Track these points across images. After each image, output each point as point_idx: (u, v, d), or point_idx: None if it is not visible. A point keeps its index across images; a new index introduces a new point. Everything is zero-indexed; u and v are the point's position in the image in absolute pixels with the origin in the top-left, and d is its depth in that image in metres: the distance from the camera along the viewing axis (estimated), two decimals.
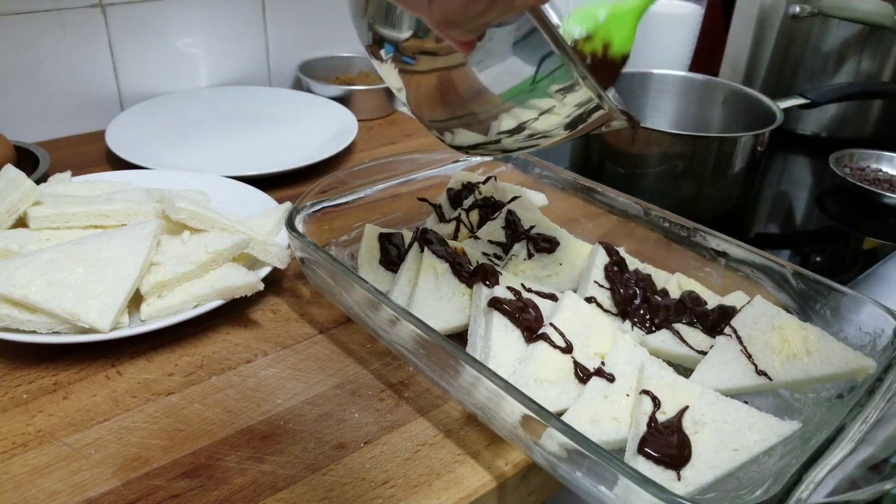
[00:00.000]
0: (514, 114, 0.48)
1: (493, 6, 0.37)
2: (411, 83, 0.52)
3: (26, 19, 0.91)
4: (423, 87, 0.51)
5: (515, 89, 0.46)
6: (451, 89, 0.49)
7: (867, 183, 1.05)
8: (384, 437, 0.53)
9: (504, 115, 0.48)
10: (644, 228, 0.71)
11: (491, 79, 0.46)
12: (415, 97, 0.53)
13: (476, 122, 0.50)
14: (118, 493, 0.47)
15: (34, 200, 0.66)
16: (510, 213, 0.73)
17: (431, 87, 0.51)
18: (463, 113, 0.50)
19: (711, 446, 0.48)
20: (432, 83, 0.50)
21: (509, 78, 0.45)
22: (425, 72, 0.50)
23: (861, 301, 0.57)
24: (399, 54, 0.50)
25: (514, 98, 0.46)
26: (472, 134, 0.52)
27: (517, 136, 0.50)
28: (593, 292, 0.63)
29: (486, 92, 0.47)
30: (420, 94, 0.52)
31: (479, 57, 0.45)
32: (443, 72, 0.49)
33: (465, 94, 0.48)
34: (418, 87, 0.52)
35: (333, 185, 0.70)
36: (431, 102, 0.52)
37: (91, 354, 0.59)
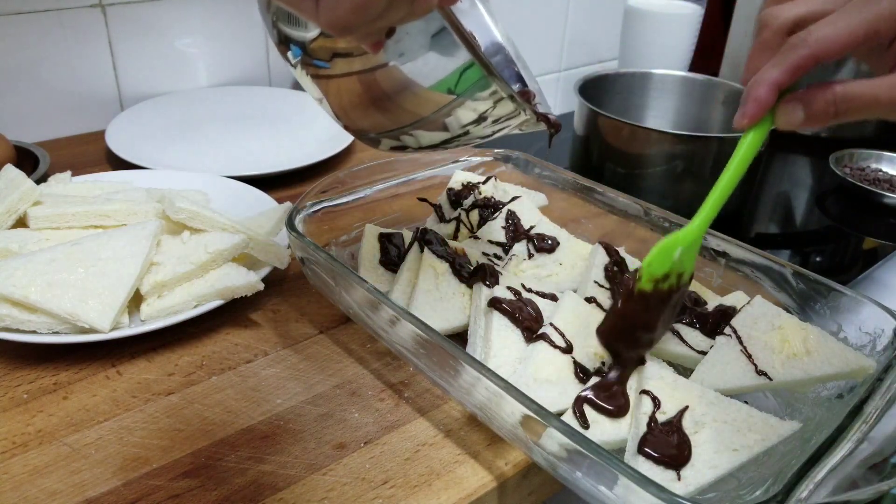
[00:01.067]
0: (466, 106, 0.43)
1: (388, 11, 0.33)
2: (330, 90, 0.46)
3: (26, 19, 0.91)
4: (346, 94, 0.45)
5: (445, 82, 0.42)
6: (379, 91, 0.43)
7: (867, 183, 1.05)
8: (384, 437, 0.53)
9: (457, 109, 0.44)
10: (644, 228, 0.71)
11: (418, 73, 0.41)
12: (339, 106, 0.47)
13: (426, 123, 0.45)
14: (118, 493, 0.47)
15: (34, 200, 0.66)
16: (510, 213, 0.73)
17: (356, 91, 0.45)
18: (405, 116, 0.45)
19: (711, 446, 0.48)
20: (356, 87, 0.44)
21: (437, 71, 0.41)
22: (343, 75, 0.44)
23: (861, 301, 0.57)
24: (309, 57, 0.44)
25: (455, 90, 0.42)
26: (430, 134, 0.47)
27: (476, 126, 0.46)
28: (593, 292, 0.63)
29: (417, 88, 0.42)
30: (344, 101, 0.46)
31: (399, 50, 0.41)
32: (364, 74, 0.43)
33: (398, 93, 0.43)
34: (339, 94, 0.46)
35: (333, 185, 0.70)
36: (362, 109, 0.46)
37: (91, 354, 0.59)
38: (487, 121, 0.45)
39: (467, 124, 0.45)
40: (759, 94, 0.44)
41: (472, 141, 0.49)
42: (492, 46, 0.58)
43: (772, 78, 0.44)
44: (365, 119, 0.47)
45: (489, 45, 0.59)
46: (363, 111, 0.46)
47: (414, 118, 0.45)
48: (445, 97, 0.43)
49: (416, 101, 0.44)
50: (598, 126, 0.97)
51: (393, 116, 0.46)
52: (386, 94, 0.44)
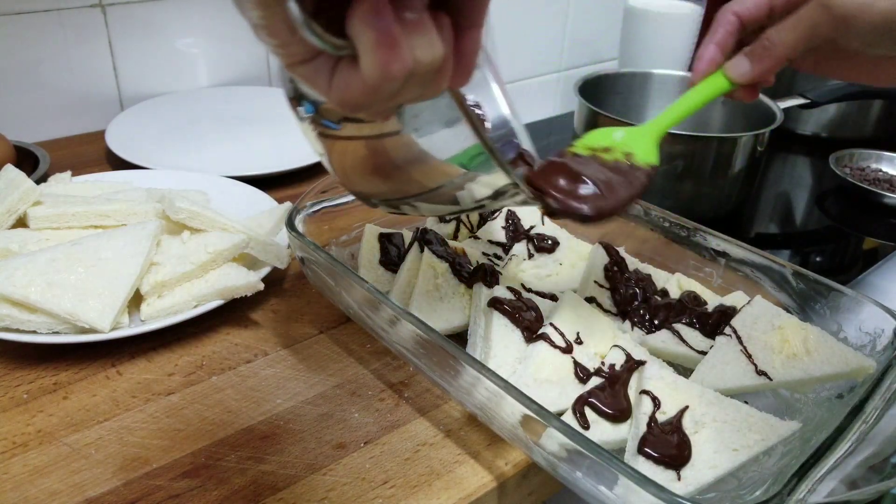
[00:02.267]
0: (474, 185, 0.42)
1: (399, 94, 0.33)
2: (335, 150, 0.46)
3: (26, 19, 0.91)
4: (350, 156, 0.45)
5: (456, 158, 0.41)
6: (385, 158, 0.43)
7: (867, 183, 1.05)
8: (384, 437, 0.53)
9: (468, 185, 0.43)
10: (644, 228, 0.71)
11: (428, 145, 0.41)
12: (340, 167, 0.47)
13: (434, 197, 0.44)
14: (118, 493, 0.47)
15: (34, 200, 0.66)
16: (510, 213, 0.73)
17: (360, 155, 0.44)
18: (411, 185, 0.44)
19: (711, 446, 0.48)
20: (361, 151, 0.44)
21: (447, 146, 0.40)
22: (351, 138, 0.44)
23: (861, 301, 0.57)
24: (319, 116, 0.43)
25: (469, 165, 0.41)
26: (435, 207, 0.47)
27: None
28: (593, 292, 0.63)
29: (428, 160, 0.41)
30: (347, 163, 0.46)
31: (412, 125, 0.40)
32: (372, 140, 0.42)
33: (406, 163, 0.42)
34: (344, 155, 0.46)
35: (333, 185, 0.70)
36: (364, 174, 0.45)
37: (91, 354, 0.59)
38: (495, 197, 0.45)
39: (481, 199, 0.45)
40: (704, 53, 0.54)
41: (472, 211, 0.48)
42: (498, 120, 0.60)
43: (710, 40, 0.54)
44: (364, 183, 0.47)
45: (495, 119, 0.60)
46: (364, 175, 0.46)
47: (420, 188, 0.45)
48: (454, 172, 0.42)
49: (423, 171, 0.43)
50: (599, 126, 0.97)
51: (395, 185, 0.45)
52: (392, 161, 0.43)
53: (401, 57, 0.32)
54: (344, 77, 0.33)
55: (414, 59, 0.32)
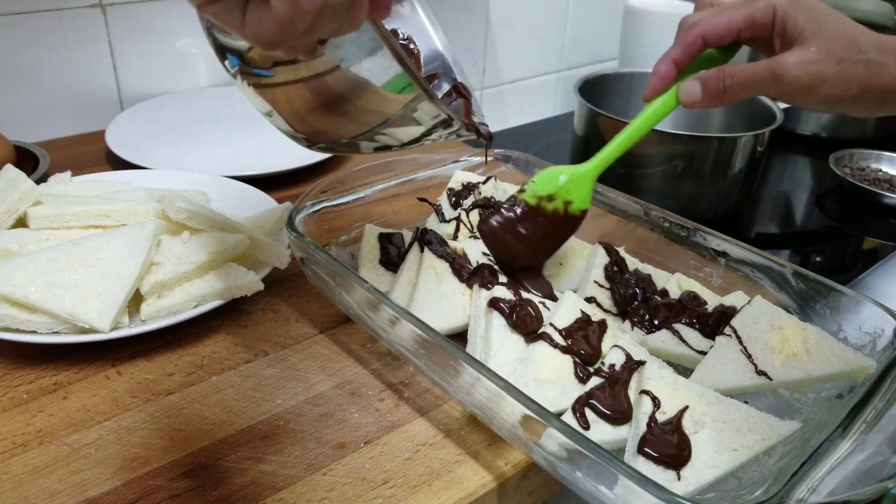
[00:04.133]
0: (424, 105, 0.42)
1: (314, 28, 0.33)
2: (279, 101, 0.43)
3: (26, 19, 0.91)
4: (298, 101, 0.43)
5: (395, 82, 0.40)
6: (333, 94, 0.41)
7: (867, 183, 1.05)
8: (384, 437, 0.53)
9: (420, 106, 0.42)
10: (644, 228, 0.71)
11: (368, 74, 0.40)
12: (294, 117, 0.45)
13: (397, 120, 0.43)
14: (118, 493, 0.47)
15: (34, 200, 0.66)
16: None
17: (307, 98, 0.42)
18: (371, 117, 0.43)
19: (711, 446, 0.48)
20: (306, 94, 0.42)
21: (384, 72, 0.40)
22: (290, 83, 0.42)
23: (861, 301, 0.57)
24: (248, 66, 0.41)
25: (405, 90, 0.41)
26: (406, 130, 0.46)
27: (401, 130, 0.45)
28: (593, 292, 0.63)
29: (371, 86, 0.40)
30: (299, 110, 0.44)
31: (339, 56, 0.39)
32: (313, 80, 0.41)
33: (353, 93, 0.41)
34: (291, 103, 0.43)
35: (333, 185, 0.70)
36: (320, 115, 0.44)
37: (91, 354, 0.59)
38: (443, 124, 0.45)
39: (433, 116, 0.44)
40: (660, 69, 0.54)
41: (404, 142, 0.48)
42: (431, 53, 0.61)
43: (670, 55, 0.54)
44: (326, 124, 0.45)
45: (428, 53, 0.61)
46: (321, 117, 0.44)
47: (381, 118, 0.44)
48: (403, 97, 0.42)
49: (374, 99, 0.42)
50: (598, 126, 0.97)
51: (357, 119, 0.44)
52: (342, 96, 0.42)
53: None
54: (256, 14, 0.32)
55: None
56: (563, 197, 0.60)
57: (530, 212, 0.61)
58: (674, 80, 0.55)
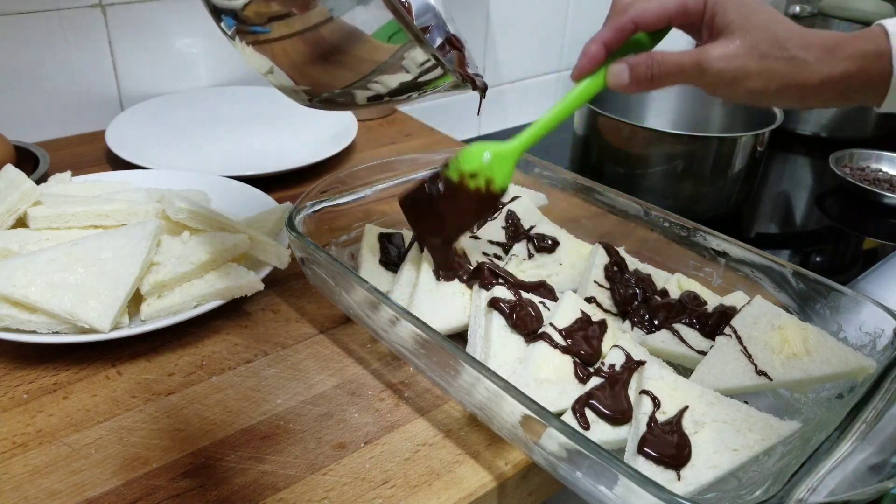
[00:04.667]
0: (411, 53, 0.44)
1: None
2: (278, 55, 0.45)
3: (26, 19, 0.91)
4: (297, 55, 0.45)
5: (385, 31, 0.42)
6: (327, 45, 0.43)
7: (867, 183, 1.05)
8: (384, 437, 0.53)
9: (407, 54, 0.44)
10: (644, 228, 0.71)
11: (359, 23, 0.42)
12: (293, 69, 0.46)
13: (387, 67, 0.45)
14: (118, 493, 0.47)
15: (34, 200, 0.66)
16: (510, 213, 0.73)
17: (304, 51, 0.44)
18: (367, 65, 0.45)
19: (711, 446, 0.48)
20: (304, 48, 0.44)
21: (375, 21, 0.42)
22: (286, 37, 0.43)
23: (861, 301, 0.57)
24: (244, 25, 0.43)
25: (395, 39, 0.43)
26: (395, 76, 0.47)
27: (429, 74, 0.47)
28: (593, 292, 0.63)
29: (364, 36, 0.42)
30: (297, 62, 0.46)
31: (330, 6, 0.41)
32: (308, 32, 0.42)
33: (347, 44, 0.43)
34: (289, 57, 0.45)
35: (333, 185, 0.70)
36: (319, 66, 0.45)
37: (91, 354, 0.59)
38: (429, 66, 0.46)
39: (423, 63, 0.46)
40: (589, 50, 0.53)
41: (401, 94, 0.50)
42: (422, 6, 0.61)
43: (600, 37, 0.53)
44: (323, 75, 0.47)
45: (420, 6, 0.61)
46: (318, 68, 0.46)
47: (372, 65, 0.45)
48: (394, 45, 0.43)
49: (364, 47, 0.44)
50: (598, 126, 0.97)
51: (352, 68, 0.46)
52: (336, 46, 0.44)
53: None
54: None
55: None
56: (485, 174, 0.59)
57: (452, 187, 0.60)
58: (602, 62, 0.54)
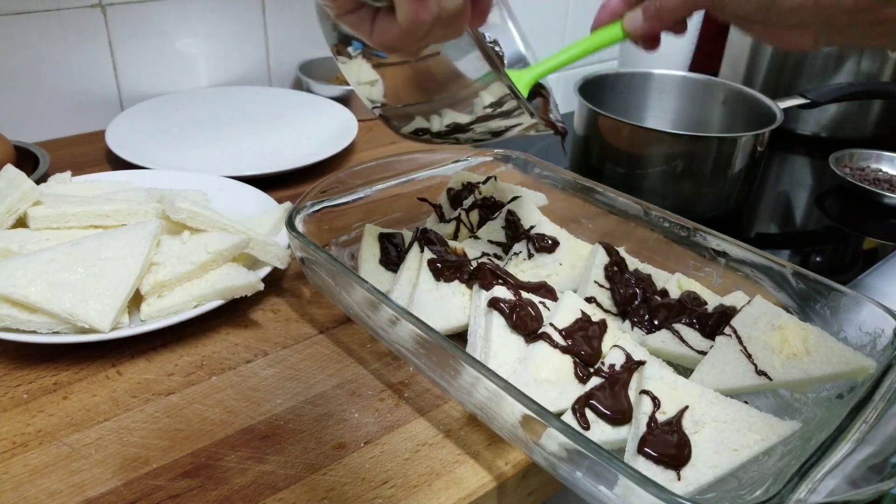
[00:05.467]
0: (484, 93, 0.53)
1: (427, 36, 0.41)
2: (387, 75, 0.56)
3: (26, 19, 0.91)
4: (401, 77, 0.56)
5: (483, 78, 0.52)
6: (430, 76, 0.54)
7: (867, 183, 1.05)
8: (384, 437, 0.53)
9: (482, 93, 0.53)
10: (644, 228, 0.71)
11: (463, 67, 0.52)
12: (391, 88, 0.57)
13: (457, 100, 0.55)
14: (118, 493, 0.47)
15: (34, 200, 0.66)
16: (510, 213, 0.73)
17: (409, 76, 0.55)
18: (443, 93, 0.55)
19: (711, 446, 0.48)
20: (409, 73, 0.55)
21: (469, 66, 0.51)
22: (401, 63, 0.54)
23: (861, 301, 0.57)
24: (369, 49, 0.53)
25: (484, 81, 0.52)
26: (456, 114, 0.57)
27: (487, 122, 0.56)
28: (593, 292, 0.63)
29: (464, 76, 0.52)
30: (398, 83, 0.56)
31: (445, 50, 0.50)
32: (421, 62, 0.53)
33: (446, 79, 0.53)
34: (395, 77, 0.56)
35: (333, 185, 0.70)
36: (411, 90, 0.56)
37: (91, 354, 0.59)
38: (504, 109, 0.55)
39: (488, 106, 0.55)
40: (608, 3, 0.57)
41: (487, 134, 0.59)
42: (514, 55, 0.73)
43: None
44: (408, 96, 0.57)
45: (512, 54, 0.72)
46: (410, 90, 0.57)
47: (447, 94, 0.55)
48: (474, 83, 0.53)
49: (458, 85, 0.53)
50: (598, 126, 0.97)
51: (431, 93, 0.56)
52: (434, 77, 0.54)
53: (428, 6, 0.40)
54: (383, 24, 0.42)
55: (439, 6, 0.40)
56: None
57: None
58: (620, 14, 0.57)
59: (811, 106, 1.08)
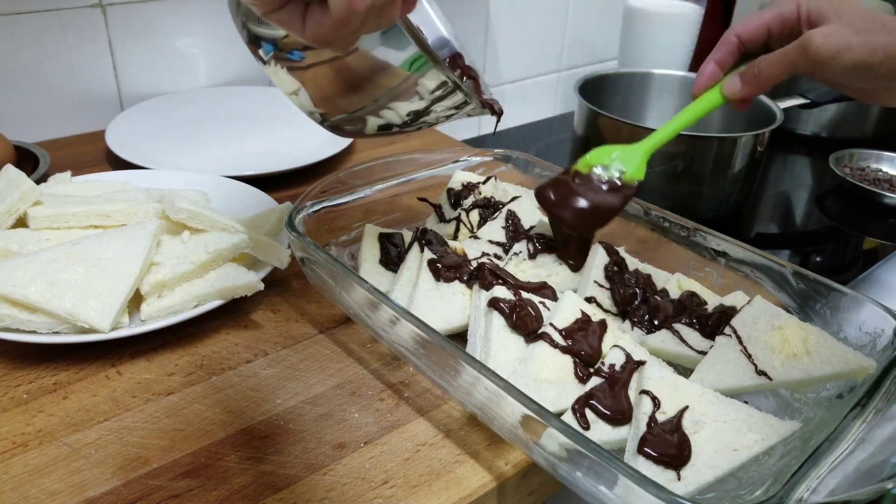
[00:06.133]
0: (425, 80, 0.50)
1: (363, 26, 0.40)
2: (307, 80, 0.51)
3: (26, 19, 0.91)
4: (324, 80, 0.51)
5: (409, 62, 0.48)
6: (353, 73, 0.50)
7: (867, 183, 1.05)
8: (384, 437, 0.53)
9: (421, 80, 0.50)
10: (644, 228, 0.71)
11: (386, 56, 0.48)
12: (318, 93, 0.52)
13: (399, 94, 0.51)
14: (118, 493, 0.47)
15: (34, 200, 0.66)
16: (510, 213, 0.73)
17: (331, 77, 0.51)
18: (379, 90, 0.51)
19: (711, 446, 0.48)
20: (330, 74, 0.50)
21: (399, 54, 0.48)
22: (318, 63, 0.49)
23: (861, 301, 0.57)
24: (281, 52, 0.49)
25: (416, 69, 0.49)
26: (407, 104, 0.52)
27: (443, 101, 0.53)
28: (593, 292, 0.63)
29: (389, 66, 0.49)
30: (322, 87, 0.52)
31: (363, 45, 0.47)
32: (337, 60, 0.49)
33: (371, 72, 0.49)
34: (316, 81, 0.51)
35: (333, 185, 0.70)
36: (341, 92, 0.52)
37: (91, 354, 0.59)
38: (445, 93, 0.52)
39: (435, 90, 0.51)
40: (705, 69, 0.62)
41: (452, 110, 0.55)
42: (438, 41, 0.68)
43: (711, 58, 0.62)
44: (343, 99, 0.53)
45: (436, 40, 0.68)
46: (340, 92, 0.52)
47: (387, 91, 0.51)
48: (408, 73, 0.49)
49: (385, 75, 0.50)
50: (598, 126, 0.97)
51: (368, 92, 0.52)
52: (358, 74, 0.50)
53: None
54: (315, 18, 0.40)
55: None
56: (615, 167, 0.64)
57: (585, 179, 0.64)
58: (718, 79, 0.61)
59: (811, 106, 1.08)
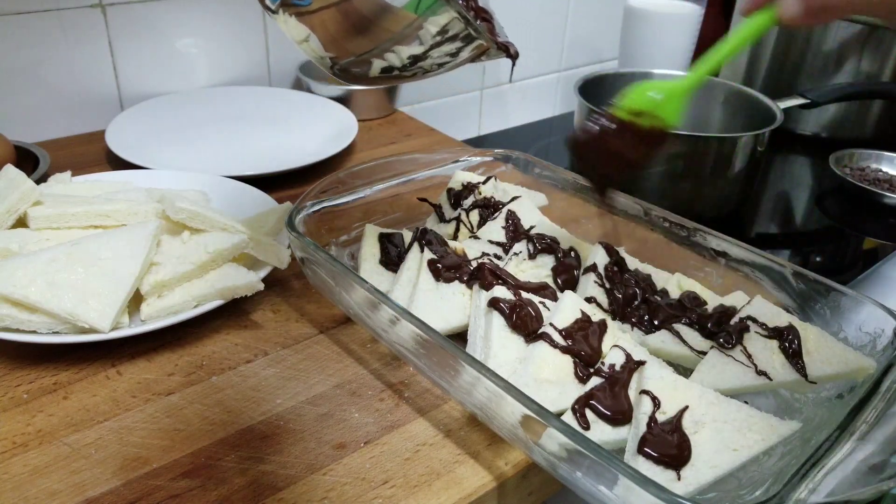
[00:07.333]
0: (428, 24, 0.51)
1: None
2: (316, 24, 0.53)
3: (26, 19, 0.91)
4: (332, 24, 0.53)
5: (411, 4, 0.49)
6: (360, 16, 0.51)
7: (867, 183, 1.05)
8: (384, 437, 0.53)
9: (425, 24, 0.51)
10: (644, 228, 0.71)
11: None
12: (326, 37, 0.54)
13: (402, 38, 0.52)
14: (118, 493, 0.47)
15: (34, 200, 0.66)
16: (510, 213, 0.73)
17: (339, 21, 0.52)
18: (384, 33, 0.52)
19: (711, 446, 0.48)
20: (338, 17, 0.52)
21: None
22: (325, 7, 0.51)
23: (861, 301, 0.57)
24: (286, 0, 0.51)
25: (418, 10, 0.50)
26: (408, 48, 0.53)
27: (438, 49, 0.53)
28: (593, 292, 0.63)
29: (392, 7, 0.50)
30: (331, 31, 0.53)
31: None
32: (342, 3, 0.50)
33: (376, 14, 0.51)
34: (325, 26, 0.53)
35: (333, 185, 0.70)
36: (348, 35, 0.53)
37: (91, 354, 0.59)
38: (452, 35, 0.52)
39: (437, 34, 0.51)
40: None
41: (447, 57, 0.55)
42: None
43: None
44: (351, 43, 0.54)
45: None
46: (348, 36, 0.53)
47: (391, 34, 0.52)
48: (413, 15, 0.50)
49: (391, 19, 0.51)
50: None
51: (374, 36, 0.53)
52: (364, 16, 0.51)
53: None
54: None
55: None
56: (653, 114, 0.58)
57: (620, 125, 0.58)
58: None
59: (811, 106, 1.08)
